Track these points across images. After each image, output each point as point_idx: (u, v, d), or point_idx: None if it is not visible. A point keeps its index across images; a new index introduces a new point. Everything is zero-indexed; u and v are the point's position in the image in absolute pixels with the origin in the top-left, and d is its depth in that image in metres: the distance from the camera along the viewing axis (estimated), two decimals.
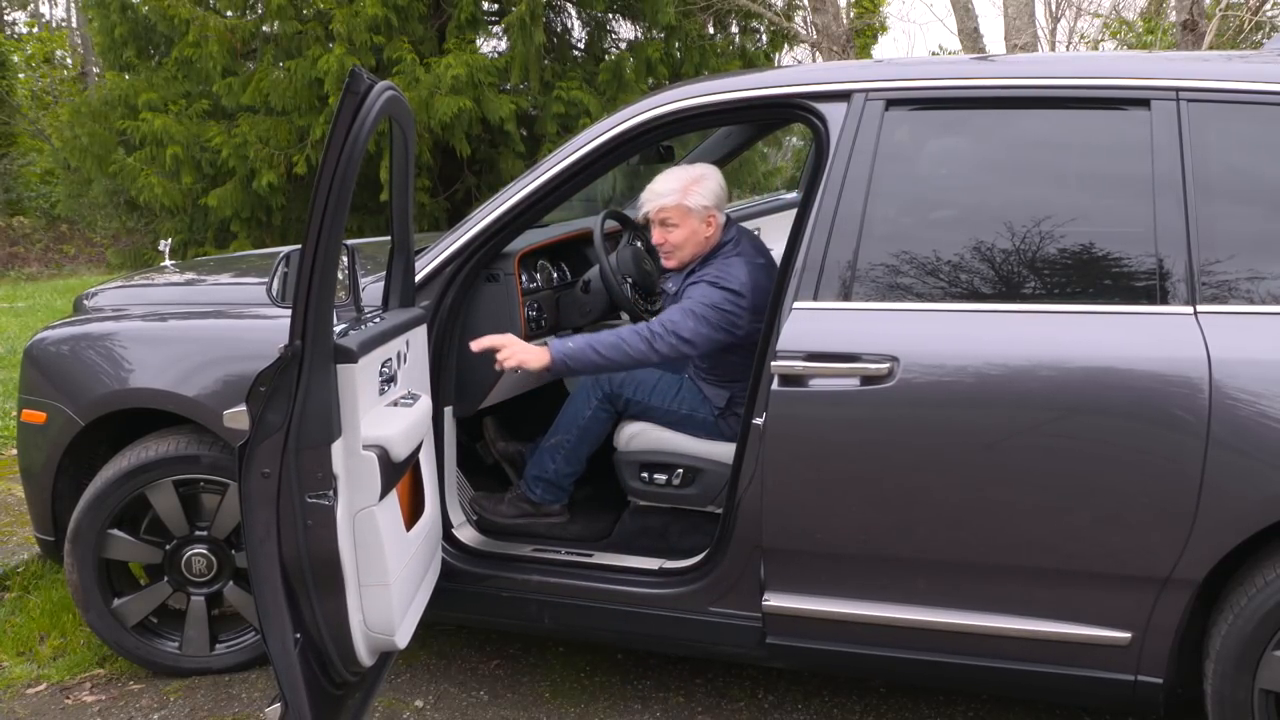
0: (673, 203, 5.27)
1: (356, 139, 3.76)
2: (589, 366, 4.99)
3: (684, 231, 5.27)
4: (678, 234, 5.28)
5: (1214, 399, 3.85)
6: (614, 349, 4.92)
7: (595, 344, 4.94)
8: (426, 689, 5.29)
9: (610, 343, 4.93)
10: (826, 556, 4.42)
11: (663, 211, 5.30)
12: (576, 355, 4.92)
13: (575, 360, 4.93)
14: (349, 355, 3.96)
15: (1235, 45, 18.03)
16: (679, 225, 5.28)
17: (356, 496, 4.05)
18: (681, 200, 5.25)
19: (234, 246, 16.32)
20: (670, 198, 5.28)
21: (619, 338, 4.94)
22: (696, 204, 5.25)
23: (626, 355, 4.93)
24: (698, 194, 5.26)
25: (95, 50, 22.36)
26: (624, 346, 4.92)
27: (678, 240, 5.29)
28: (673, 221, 5.28)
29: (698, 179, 5.31)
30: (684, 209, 5.26)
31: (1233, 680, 3.98)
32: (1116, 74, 4.30)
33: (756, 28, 19.00)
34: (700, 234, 5.28)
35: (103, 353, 5.25)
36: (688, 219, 5.26)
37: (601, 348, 4.92)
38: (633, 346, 4.91)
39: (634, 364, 5.00)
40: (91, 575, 5.19)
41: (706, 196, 5.27)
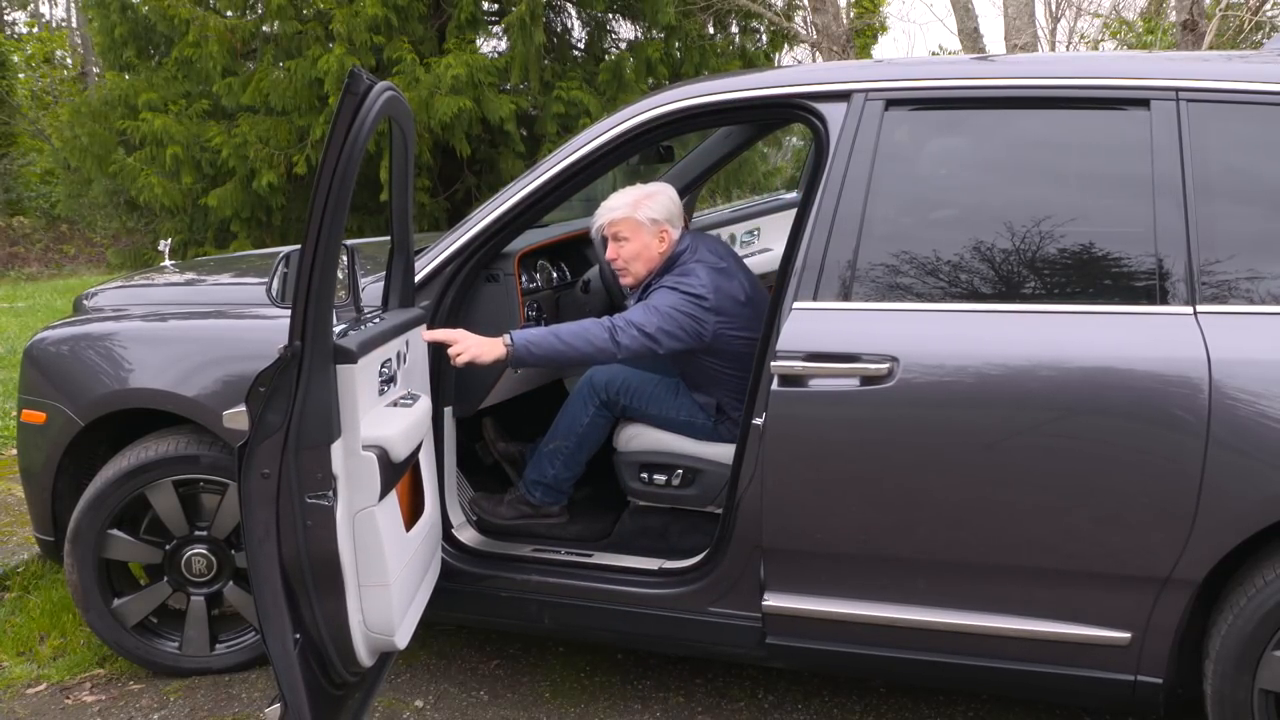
0: (622, 215, 5.28)
1: (356, 139, 3.76)
2: (551, 353, 4.89)
3: (635, 245, 5.27)
4: (629, 248, 5.28)
5: (1214, 399, 3.85)
6: (577, 337, 4.88)
7: (558, 332, 4.91)
8: (426, 689, 5.29)
9: (573, 331, 4.91)
10: (826, 556, 4.42)
11: (613, 225, 5.30)
12: (538, 342, 4.86)
13: (537, 346, 4.86)
14: (349, 355, 3.96)
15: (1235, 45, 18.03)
16: (630, 239, 5.27)
17: (356, 497, 4.05)
18: (632, 214, 5.26)
19: (234, 246, 16.33)
20: (620, 211, 5.29)
21: (582, 327, 4.92)
22: (645, 217, 5.25)
23: (589, 344, 4.88)
24: (648, 208, 5.27)
25: (95, 50, 22.37)
26: (587, 335, 4.89)
27: (629, 254, 5.29)
28: (624, 235, 5.28)
29: (649, 194, 5.33)
30: (634, 222, 5.26)
31: (1232, 680, 3.98)
32: (1116, 74, 4.30)
33: (756, 28, 19.00)
34: (652, 248, 5.28)
35: (103, 353, 5.25)
36: (639, 233, 5.26)
37: (564, 334, 4.89)
38: (596, 336, 4.89)
39: (597, 355, 4.94)
40: (91, 575, 5.19)
41: (657, 210, 5.27)
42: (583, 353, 4.90)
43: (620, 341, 4.88)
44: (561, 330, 4.92)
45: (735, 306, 5.13)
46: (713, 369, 5.18)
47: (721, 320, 5.04)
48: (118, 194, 18.22)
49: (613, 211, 5.30)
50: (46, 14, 41.52)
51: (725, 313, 5.06)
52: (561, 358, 4.93)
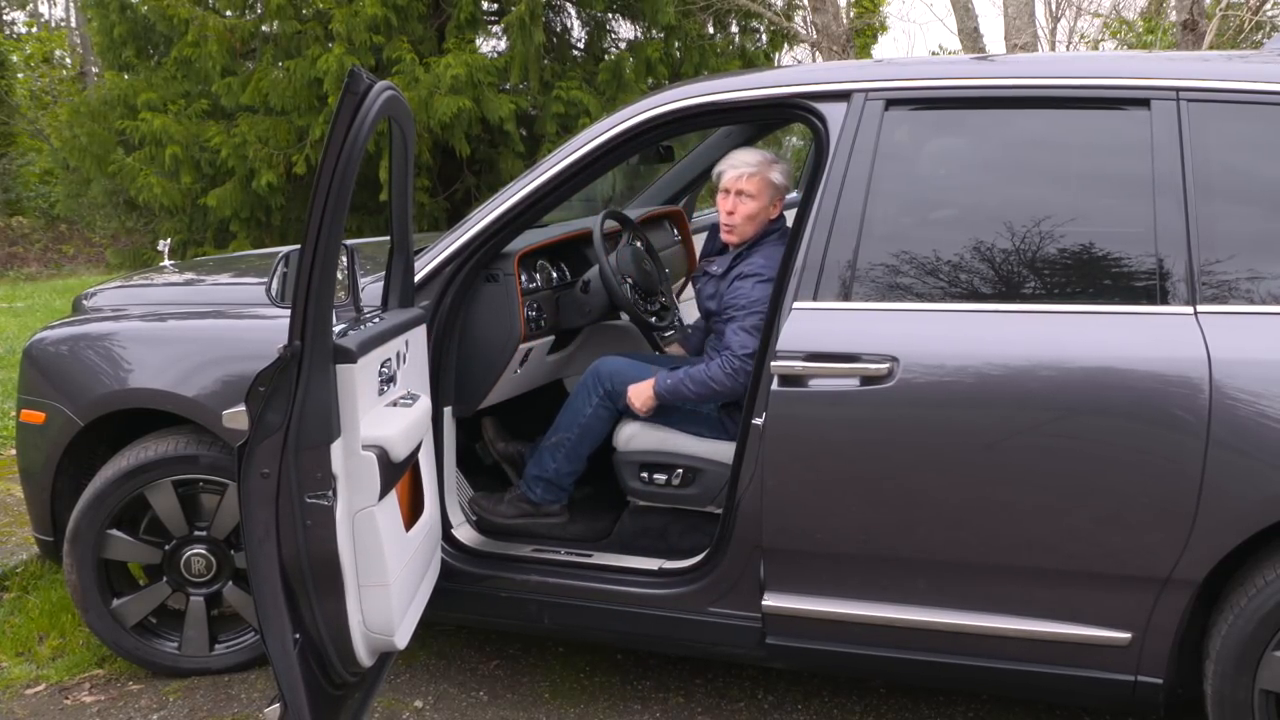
0: (755, 171, 5.28)
1: (356, 139, 3.76)
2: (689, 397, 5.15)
3: (757, 204, 5.27)
4: (750, 205, 5.27)
5: (1214, 399, 3.85)
6: (704, 386, 5.08)
7: (687, 383, 5.11)
8: (426, 689, 5.29)
9: (700, 380, 5.08)
10: (826, 557, 4.42)
11: (745, 180, 5.28)
12: (674, 391, 5.13)
13: (673, 395, 5.15)
14: (348, 355, 3.96)
15: (1235, 45, 18.03)
16: (755, 197, 5.27)
17: (356, 497, 4.05)
18: (765, 172, 5.28)
19: (233, 246, 16.32)
20: (753, 167, 5.29)
21: (706, 375, 5.06)
22: (777, 180, 5.30)
23: (715, 394, 5.10)
24: (778, 171, 5.32)
25: (94, 50, 22.35)
26: (712, 385, 5.05)
27: (748, 212, 5.28)
28: (750, 191, 5.28)
29: (776, 160, 5.35)
30: (765, 181, 5.28)
31: (1233, 680, 3.98)
32: (1117, 74, 4.30)
33: (756, 27, 18.98)
34: (767, 213, 5.31)
35: (102, 353, 5.26)
36: (763, 193, 5.28)
37: (693, 385, 5.10)
38: (719, 384, 5.03)
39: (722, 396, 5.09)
40: (91, 575, 5.19)
41: (784, 177, 5.33)
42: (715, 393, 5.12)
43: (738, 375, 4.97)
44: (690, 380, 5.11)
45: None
46: None
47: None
48: (117, 194, 18.21)
49: (747, 166, 5.31)
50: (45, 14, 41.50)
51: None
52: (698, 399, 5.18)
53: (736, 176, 5.30)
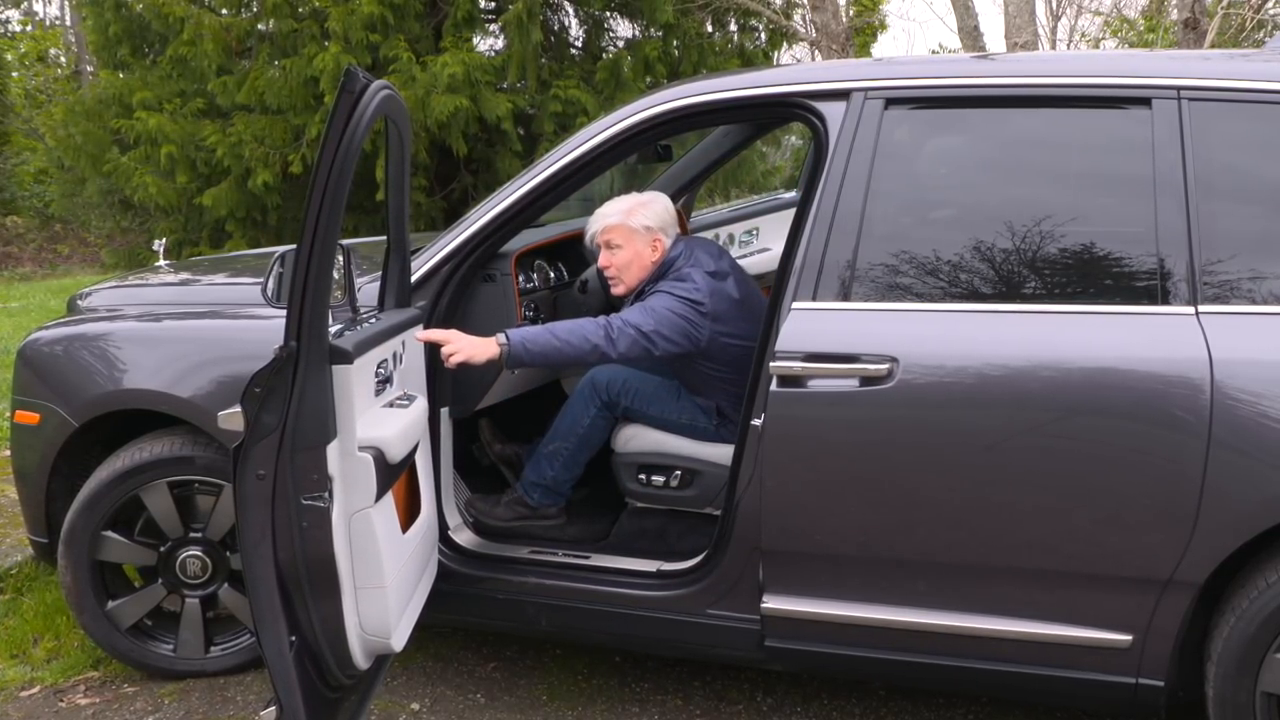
0: (615, 223, 5.28)
1: (352, 138, 3.76)
2: (547, 350, 4.85)
3: (628, 253, 5.27)
4: (622, 255, 5.28)
5: (1215, 400, 3.85)
6: (573, 334, 4.86)
7: (553, 330, 4.90)
8: (423, 692, 5.29)
9: (569, 329, 4.89)
10: (826, 558, 4.42)
11: (607, 232, 5.30)
12: (533, 339, 4.83)
13: (533, 344, 4.83)
14: (345, 356, 3.96)
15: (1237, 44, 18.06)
16: (623, 246, 5.28)
17: (352, 498, 4.05)
18: (625, 221, 5.27)
19: (229, 246, 16.32)
20: (613, 218, 5.29)
21: (578, 325, 4.91)
22: (639, 224, 5.26)
23: (586, 341, 4.86)
24: (642, 216, 5.28)
25: (89, 48, 22.36)
26: (584, 333, 4.86)
27: (622, 262, 5.29)
28: (616, 243, 5.29)
29: (644, 202, 5.34)
30: (627, 229, 5.26)
31: (1234, 683, 3.98)
32: (1117, 72, 4.31)
33: (755, 26, 18.99)
34: (645, 257, 5.28)
35: (97, 353, 5.25)
36: (631, 240, 5.26)
37: (560, 332, 4.87)
38: (592, 334, 4.87)
39: (593, 354, 4.90)
40: (85, 577, 5.19)
41: (651, 219, 5.28)
42: (580, 350, 4.87)
43: (617, 343, 4.86)
44: (557, 328, 4.90)
45: (731, 310, 5.14)
46: (708, 373, 5.18)
47: (717, 325, 5.04)
48: (112, 193, 18.23)
49: (605, 219, 5.31)
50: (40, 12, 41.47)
51: (721, 318, 5.06)
52: (558, 355, 4.89)
53: (595, 232, 5.35)
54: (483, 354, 4.76)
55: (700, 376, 5.21)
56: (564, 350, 4.86)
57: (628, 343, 4.87)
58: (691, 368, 5.20)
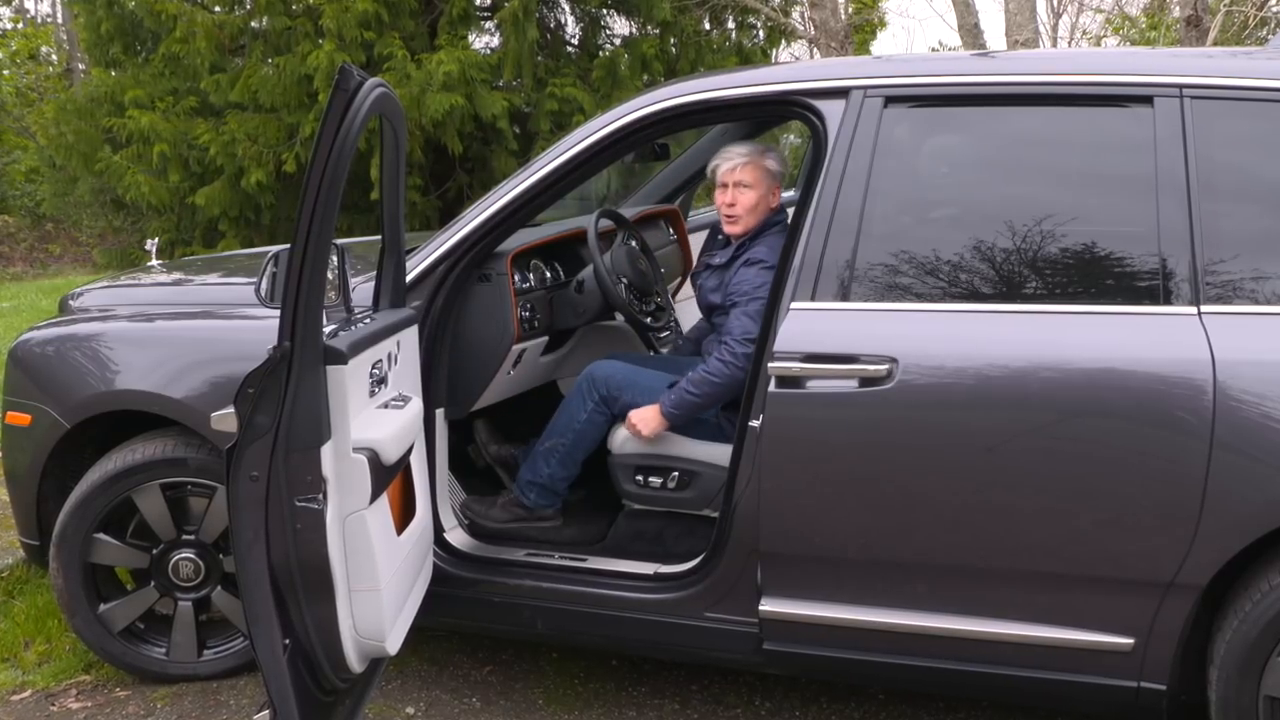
0: (748, 161, 5.32)
1: (346, 137, 3.76)
2: (690, 411, 5.11)
3: (756, 194, 5.31)
4: (750, 196, 5.31)
5: (1218, 401, 3.85)
6: (705, 383, 5.03)
7: (688, 389, 5.07)
8: (418, 696, 5.28)
9: (699, 379, 5.04)
10: (824, 561, 4.42)
11: (739, 171, 5.32)
12: (680, 403, 5.08)
13: (680, 408, 5.10)
14: (339, 356, 3.96)
15: (1239, 41, 18.07)
16: (753, 187, 5.31)
17: (346, 500, 4.05)
18: (760, 160, 5.31)
19: (222, 246, 16.30)
20: (748, 158, 5.32)
21: (706, 373, 5.02)
22: (773, 166, 5.33)
23: (716, 388, 5.02)
24: (772, 159, 5.34)
25: (81, 46, 22.37)
26: (712, 379, 5.01)
27: (749, 203, 5.31)
28: (747, 183, 5.31)
29: (769, 148, 5.39)
30: (760, 169, 5.31)
31: (1237, 687, 3.98)
32: (1119, 70, 4.31)
33: (753, 23, 19.02)
34: (767, 202, 5.34)
35: (88, 354, 5.25)
36: (761, 182, 5.31)
37: (693, 388, 5.06)
38: (719, 375, 4.99)
39: (730, 390, 4.98)
40: (77, 580, 5.18)
41: (779, 164, 5.36)
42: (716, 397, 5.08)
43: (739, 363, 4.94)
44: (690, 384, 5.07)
45: None
46: None
47: None
48: (104, 192, 18.22)
49: (740, 156, 5.34)
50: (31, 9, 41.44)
51: None
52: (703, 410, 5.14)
53: (731, 168, 5.33)
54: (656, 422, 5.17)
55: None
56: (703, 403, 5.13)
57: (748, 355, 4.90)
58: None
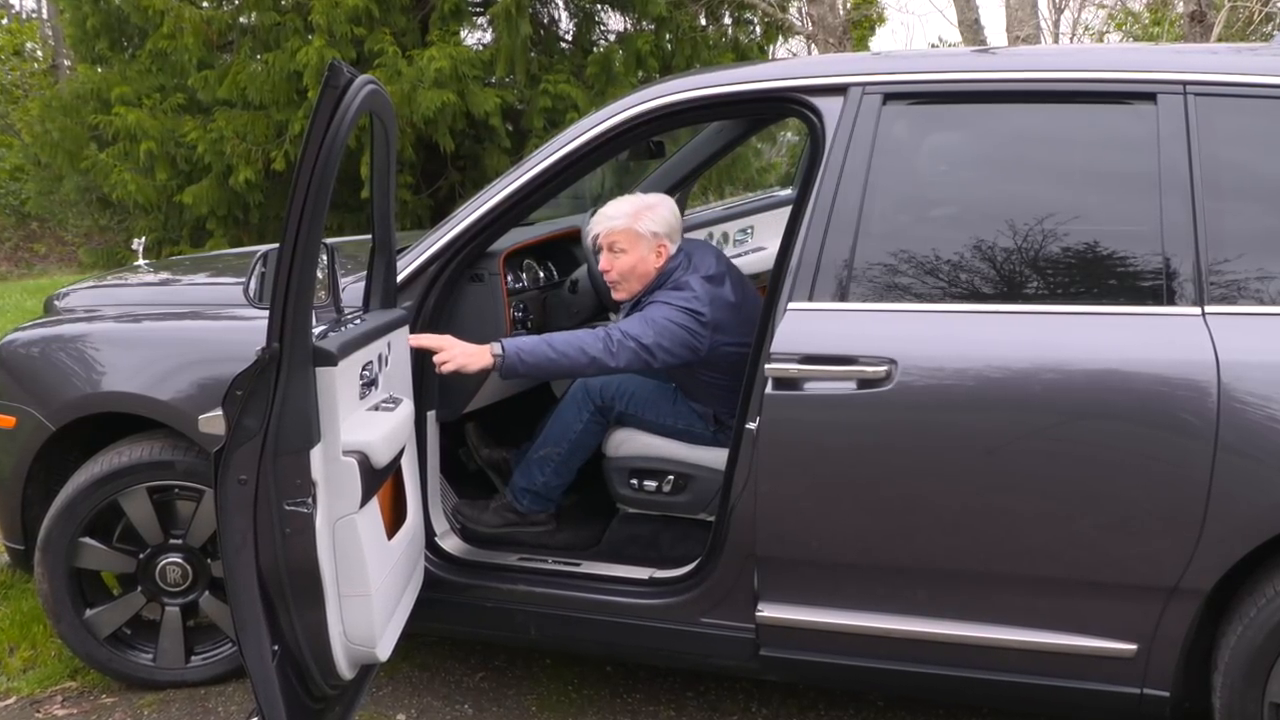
0: (621, 226, 5.26)
1: (336, 134, 3.75)
2: (542, 363, 4.89)
3: (631, 258, 5.25)
4: (625, 261, 5.26)
5: (1222, 403, 3.85)
6: (570, 346, 4.88)
7: (551, 340, 4.91)
8: (409, 702, 5.28)
9: (567, 340, 4.91)
10: (822, 565, 4.42)
11: (611, 235, 5.28)
12: (529, 350, 4.86)
13: (529, 355, 4.86)
14: (328, 358, 3.95)
15: (1244, 37, 18.05)
16: (627, 251, 5.26)
17: (336, 504, 4.04)
18: (631, 225, 5.24)
19: (210, 245, 16.27)
20: (619, 221, 5.26)
21: (576, 337, 4.92)
22: (646, 230, 5.24)
23: (584, 354, 4.88)
24: (649, 220, 5.25)
25: (66, 42, 22.31)
26: (582, 345, 4.88)
27: (624, 267, 5.27)
28: (620, 247, 5.26)
29: (650, 205, 5.31)
30: (634, 234, 5.24)
31: (1242, 693, 3.98)
32: (1122, 67, 4.31)
33: (750, 19, 18.98)
34: (648, 263, 5.27)
35: (74, 355, 5.24)
36: (636, 245, 5.24)
37: (557, 344, 4.89)
38: (591, 347, 4.88)
39: (590, 367, 4.92)
40: (63, 585, 5.18)
41: (657, 224, 5.26)
42: (576, 363, 4.89)
43: (616, 354, 4.87)
44: (555, 339, 4.90)
45: (729, 316, 5.14)
46: (707, 381, 5.19)
47: (718, 335, 5.04)
48: (90, 191, 18.18)
49: (611, 221, 5.28)
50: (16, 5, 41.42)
51: (721, 326, 5.06)
52: (553, 368, 4.94)
53: (604, 231, 5.31)
54: (476, 363, 4.80)
55: (698, 384, 5.22)
56: (560, 363, 4.88)
57: (628, 356, 4.88)
58: (690, 376, 5.20)
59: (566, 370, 4.98)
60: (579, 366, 4.92)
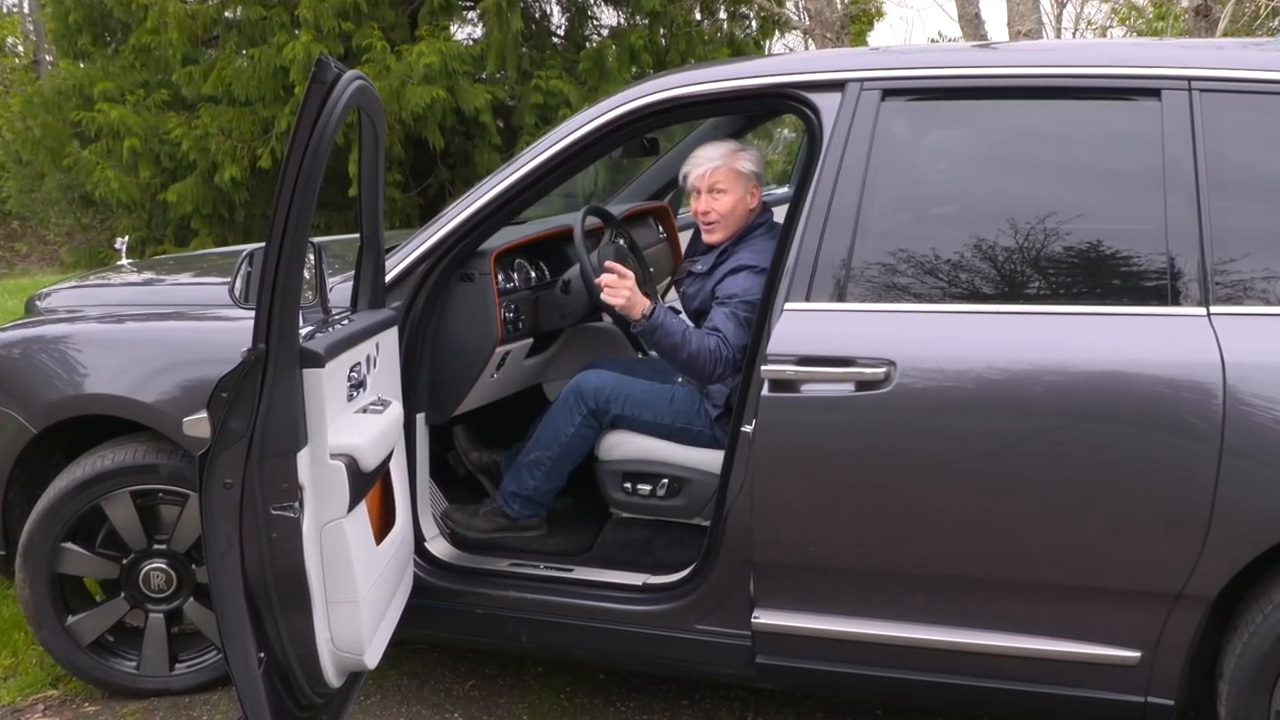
0: (723, 165, 5.27)
1: (323, 131, 3.75)
2: (665, 345, 5.00)
3: (732, 198, 5.26)
4: (726, 201, 5.27)
5: (1228, 405, 3.85)
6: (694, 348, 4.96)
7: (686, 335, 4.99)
8: (398, 711, 5.28)
9: (697, 344, 4.96)
10: (820, 571, 4.42)
11: (712, 176, 5.27)
12: (665, 328, 4.98)
13: (664, 333, 4.97)
14: (315, 359, 3.96)
15: (1250, 32, 18.07)
16: (728, 191, 5.26)
17: (324, 508, 4.04)
18: (732, 164, 5.26)
19: (194, 244, 16.26)
20: (719, 160, 5.27)
21: (702, 345, 4.96)
22: (746, 169, 5.28)
23: (695, 363, 4.98)
24: (745, 160, 5.29)
25: (48, 37, 22.27)
26: (700, 353, 4.95)
27: (725, 208, 5.27)
28: (721, 187, 5.27)
29: (742, 148, 5.35)
30: (734, 173, 5.26)
31: (1248, 702, 3.99)
32: (1125, 63, 4.31)
33: (746, 13, 18.98)
34: (745, 204, 5.29)
35: (56, 356, 5.24)
36: (736, 185, 5.26)
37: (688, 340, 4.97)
38: (704, 358, 4.95)
39: (696, 372, 5.01)
40: (44, 591, 5.17)
41: (754, 163, 5.31)
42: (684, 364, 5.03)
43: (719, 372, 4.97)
44: (688, 337, 4.98)
45: None
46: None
47: None
48: (72, 189, 18.16)
49: (710, 162, 5.29)
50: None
51: None
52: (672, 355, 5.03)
53: (702, 174, 5.30)
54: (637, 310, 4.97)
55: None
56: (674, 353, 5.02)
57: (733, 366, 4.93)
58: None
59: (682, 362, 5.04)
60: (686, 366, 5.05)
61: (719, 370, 4.94)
